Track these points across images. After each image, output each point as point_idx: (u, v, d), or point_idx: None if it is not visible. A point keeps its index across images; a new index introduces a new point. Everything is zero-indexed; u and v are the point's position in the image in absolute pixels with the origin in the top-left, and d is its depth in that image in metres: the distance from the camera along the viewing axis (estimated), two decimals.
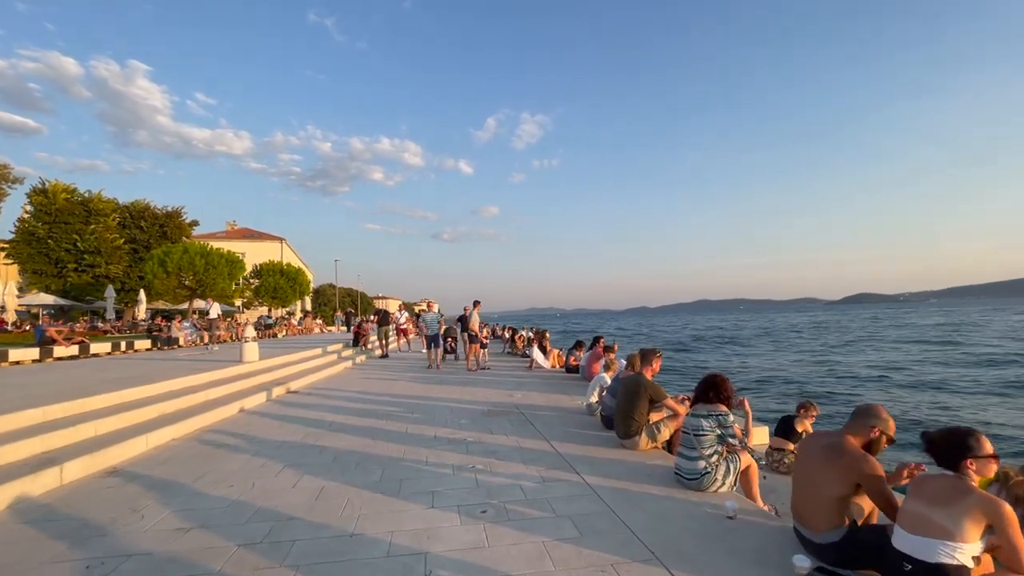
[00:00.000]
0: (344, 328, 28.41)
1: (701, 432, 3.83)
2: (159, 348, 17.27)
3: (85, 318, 29.90)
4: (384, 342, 16.37)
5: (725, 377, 4.05)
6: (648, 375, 5.11)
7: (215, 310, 15.34)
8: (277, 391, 8.78)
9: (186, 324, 19.35)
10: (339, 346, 16.07)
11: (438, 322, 12.57)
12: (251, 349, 10.46)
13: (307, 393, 9.01)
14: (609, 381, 6.77)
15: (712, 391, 3.98)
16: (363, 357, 15.47)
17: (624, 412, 4.97)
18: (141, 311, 28.81)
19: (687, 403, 5.32)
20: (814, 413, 6.05)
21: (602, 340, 10.20)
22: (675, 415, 4.98)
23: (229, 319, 31.28)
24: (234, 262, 29.61)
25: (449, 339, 14.57)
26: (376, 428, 6.15)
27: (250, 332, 10.57)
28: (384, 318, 16.30)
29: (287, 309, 44.27)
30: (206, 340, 17.80)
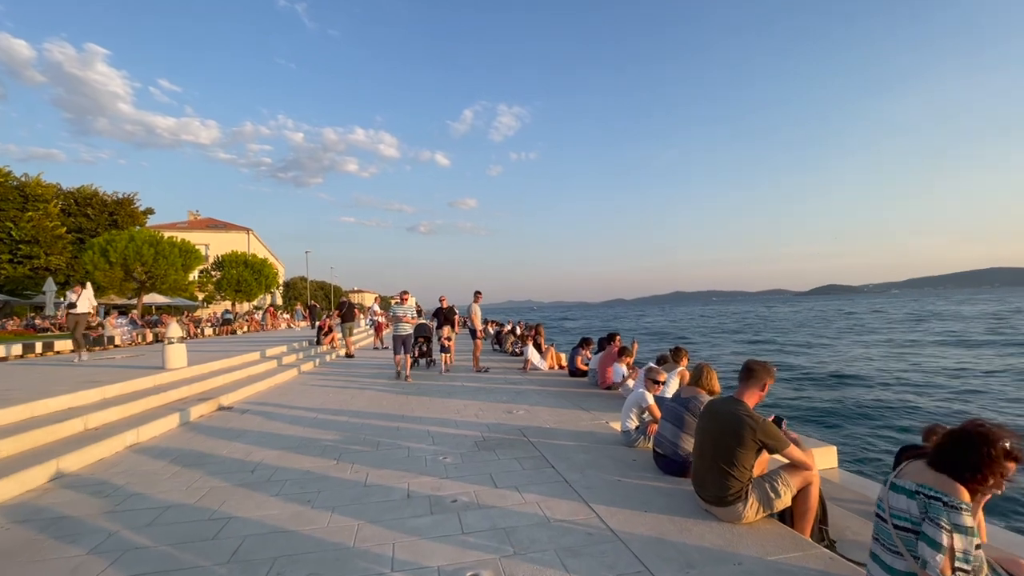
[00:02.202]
0: (308, 324, 26.01)
1: (908, 523, 1.97)
2: (89, 349, 14.79)
3: (30, 314, 26.88)
4: (349, 340, 14.21)
5: (986, 427, 1.94)
6: (752, 401, 3.19)
7: (84, 300, 10.01)
8: (201, 409, 6.64)
9: (122, 320, 16.85)
10: (298, 345, 13.85)
11: (412, 316, 9.85)
12: (176, 352, 8.22)
13: (242, 411, 6.88)
14: (650, 399, 4.87)
15: (953, 451, 1.97)
16: (313, 361, 13.32)
17: (714, 462, 3.06)
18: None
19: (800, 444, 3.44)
20: None
21: (618, 338, 8.32)
22: (798, 467, 3.10)
23: (180, 316, 28.58)
24: (189, 252, 26.81)
25: (420, 339, 11.22)
26: (321, 477, 4.11)
27: (175, 331, 8.31)
28: (348, 312, 14.03)
29: (254, 303, 41.43)
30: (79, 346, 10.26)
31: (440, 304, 11.73)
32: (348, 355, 13.88)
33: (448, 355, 10.64)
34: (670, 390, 5.54)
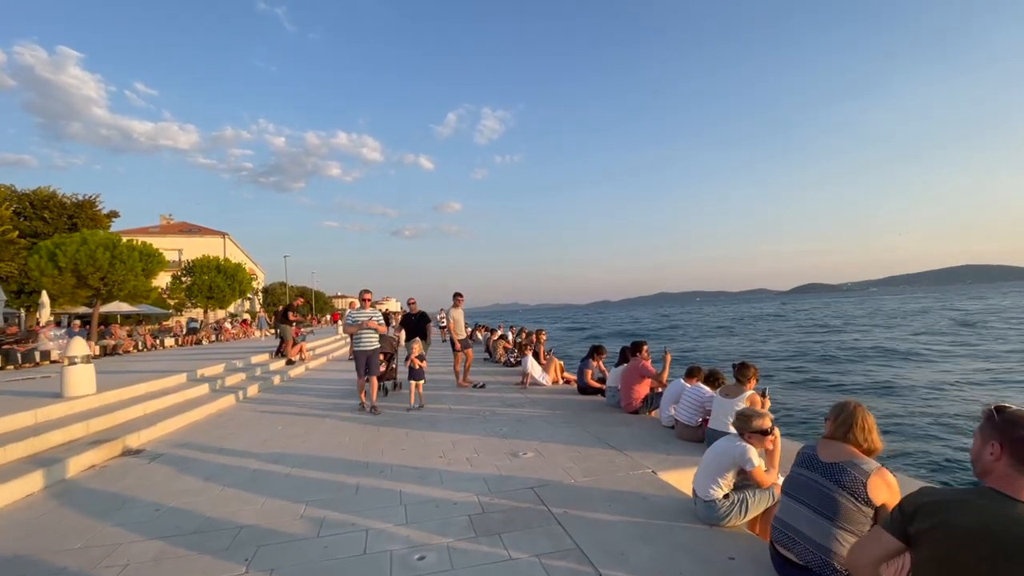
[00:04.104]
0: (274, 332, 24.06)
1: None
2: (16, 367, 12.74)
3: None
4: (292, 347, 12.61)
5: None
6: None
7: None
8: (91, 457, 4.82)
9: (58, 332, 14.77)
10: (256, 359, 11.97)
11: (379, 322, 7.25)
12: (78, 376, 6.34)
13: (153, 456, 5.06)
14: (756, 461, 3.10)
15: None
16: (271, 379, 11.49)
17: None
18: (44, 316, 23.68)
19: None
20: None
21: (645, 347, 6.65)
22: None
23: (135, 325, 26.42)
24: (150, 256, 24.55)
25: (381, 355, 7.76)
26: None
27: (79, 348, 6.42)
28: (283, 315, 12.43)
29: (229, 310, 39.10)
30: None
31: (409, 309, 9.17)
32: (281, 356, 12.47)
33: (419, 382, 7.28)
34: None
